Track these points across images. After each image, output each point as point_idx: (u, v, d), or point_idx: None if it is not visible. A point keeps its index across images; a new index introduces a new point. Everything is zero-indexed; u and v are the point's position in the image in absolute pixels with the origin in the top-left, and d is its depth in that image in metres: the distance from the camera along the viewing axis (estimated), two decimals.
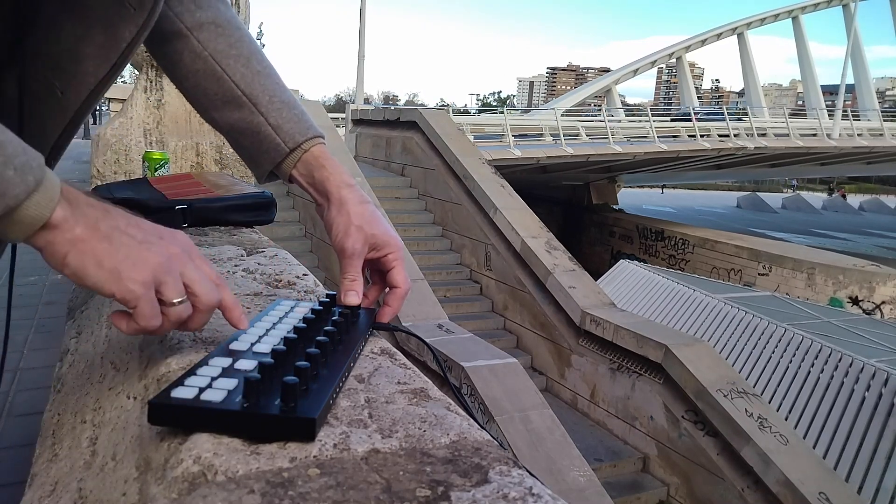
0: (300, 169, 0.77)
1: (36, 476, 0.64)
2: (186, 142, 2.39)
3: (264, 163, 0.79)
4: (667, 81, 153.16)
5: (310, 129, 0.78)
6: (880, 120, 25.82)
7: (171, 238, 0.53)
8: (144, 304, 0.49)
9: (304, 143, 0.77)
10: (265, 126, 0.77)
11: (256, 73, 0.78)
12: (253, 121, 0.77)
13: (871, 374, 6.54)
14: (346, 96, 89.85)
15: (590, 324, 6.65)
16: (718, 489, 5.45)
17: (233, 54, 0.78)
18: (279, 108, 0.77)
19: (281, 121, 0.77)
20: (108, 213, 0.50)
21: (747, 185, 55.31)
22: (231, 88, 0.77)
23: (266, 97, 0.77)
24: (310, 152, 0.77)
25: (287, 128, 0.77)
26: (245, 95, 0.77)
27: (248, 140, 0.79)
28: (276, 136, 0.77)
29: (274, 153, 0.77)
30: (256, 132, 0.77)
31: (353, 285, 0.70)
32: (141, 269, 0.49)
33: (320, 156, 0.77)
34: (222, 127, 0.80)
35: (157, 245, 0.51)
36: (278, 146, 0.77)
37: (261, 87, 0.78)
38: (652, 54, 33.88)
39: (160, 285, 0.50)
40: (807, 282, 14.13)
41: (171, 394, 0.46)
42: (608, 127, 17.17)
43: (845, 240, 28.84)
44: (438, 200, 9.81)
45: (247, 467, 0.41)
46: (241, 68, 0.78)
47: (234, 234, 1.23)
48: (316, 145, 0.78)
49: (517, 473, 0.43)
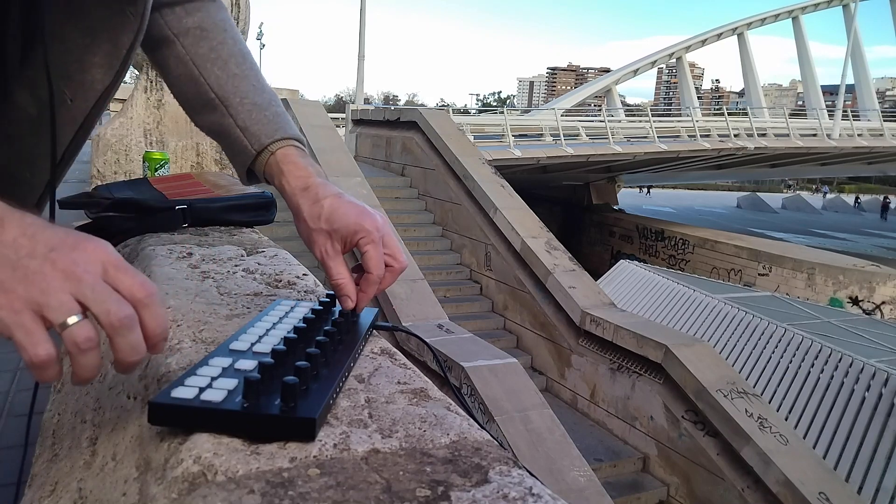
0: (268, 172, 0.76)
1: (36, 476, 0.64)
2: (186, 142, 2.39)
3: (238, 165, 0.79)
4: (667, 81, 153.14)
5: (278, 131, 0.77)
6: (880, 120, 25.83)
7: (68, 249, 0.44)
8: (21, 335, 0.41)
9: (270, 145, 0.75)
10: (234, 128, 0.77)
11: (232, 75, 0.78)
12: (224, 123, 0.77)
13: (871, 374, 6.54)
14: (346, 96, 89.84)
15: (590, 324, 6.65)
16: (718, 489, 5.45)
17: (212, 58, 0.78)
18: (249, 109, 0.77)
19: (249, 122, 0.76)
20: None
21: (747, 185, 55.34)
22: (206, 91, 0.78)
23: (237, 99, 0.77)
24: (275, 155, 0.75)
25: (254, 129, 0.76)
26: (218, 98, 0.77)
27: (224, 142, 0.79)
28: (244, 137, 0.76)
29: (243, 156, 0.77)
30: (228, 134, 0.77)
31: (342, 288, 0.67)
32: (9, 291, 0.41)
33: (282, 160, 0.75)
34: (203, 129, 0.81)
35: (40, 260, 0.42)
36: (246, 148, 0.76)
37: (233, 90, 0.78)
38: (652, 54, 33.87)
39: (41, 308, 0.41)
40: (807, 282, 14.13)
41: (171, 393, 0.46)
42: (608, 127, 17.17)
43: (845, 240, 28.84)
44: (438, 200, 9.81)
45: (247, 467, 0.41)
46: (218, 71, 0.78)
47: (234, 234, 1.23)
48: (282, 147, 0.76)
49: (517, 473, 0.43)
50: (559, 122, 16.50)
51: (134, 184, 1.53)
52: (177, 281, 0.84)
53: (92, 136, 2.50)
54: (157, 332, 0.46)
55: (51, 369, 0.42)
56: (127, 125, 2.33)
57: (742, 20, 33.25)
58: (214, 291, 0.81)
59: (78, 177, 8.63)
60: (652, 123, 18.22)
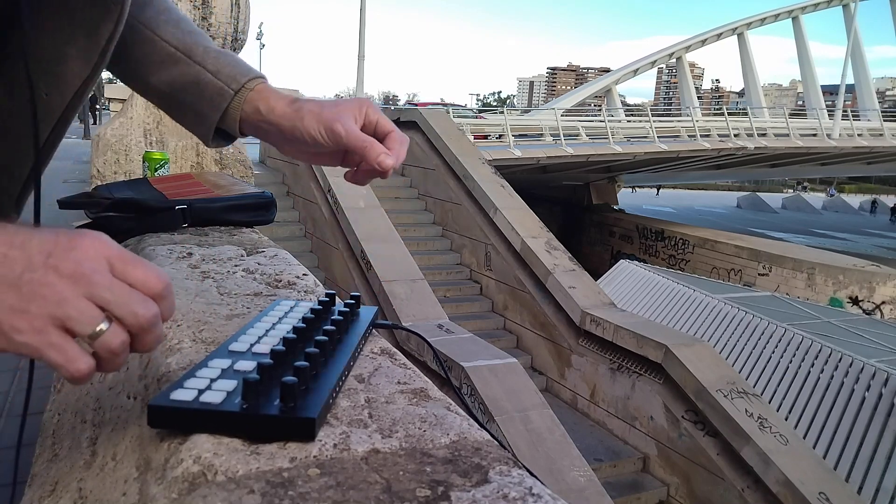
0: (247, 109, 0.75)
1: (36, 476, 0.64)
2: (186, 142, 2.39)
3: (210, 112, 0.76)
4: (667, 81, 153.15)
5: (251, 71, 0.77)
6: (880, 120, 25.83)
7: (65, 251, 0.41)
8: (53, 353, 0.39)
9: (247, 83, 0.75)
10: (204, 73, 0.75)
11: (188, 32, 0.78)
12: (190, 72, 0.75)
13: (871, 374, 6.54)
14: (346, 96, 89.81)
15: (590, 324, 6.65)
16: (718, 489, 5.45)
17: (162, 19, 0.77)
18: (215, 56, 0.76)
19: (220, 66, 0.76)
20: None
21: (747, 185, 55.33)
22: (164, 47, 0.76)
23: (200, 49, 0.76)
24: (254, 91, 0.75)
25: (227, 71, 0.75)
26: (179, 50, 0.76)
27: (189, 94, 0.76)
28: (218, 80, 0.75)
29: (218, 98, 0.75)
30: (196, 82, 0.76)
31: (376, 148, 0.67)
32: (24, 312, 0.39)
33: (263, 90, 0.75)
34: (160, 90, 0.78)
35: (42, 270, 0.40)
36: (222, 90, 0.75)
37: (193, 42, 0.77)
38: (652, 54, 33.87)
39: (63, 322, 0.39)
40: (807, 282, 14.13)
41: (170, 396, 0.46)
42: (608, 127, 17.17)
43: (845, 240, 28.85)
44: (438, 200, 9.81)
45: (247, 467, 0.41)
46: (172, 29, 0.77)
47: (234, 234, 1.23)
48: (259, 84, 0.76)
49: (517, 473, 0.43)
50: (559, 122, 16.50)
51: (134, 184, 1.53)
52: (177, 281, 0.84)
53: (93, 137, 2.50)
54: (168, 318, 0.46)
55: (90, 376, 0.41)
56: (127, 125, 2.33)
57: (742, 20, 33.24)
58: (214, 291, 0.81)
59: (78, 177, 8.60)
60: (652, 123, 18.22)
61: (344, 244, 7.69)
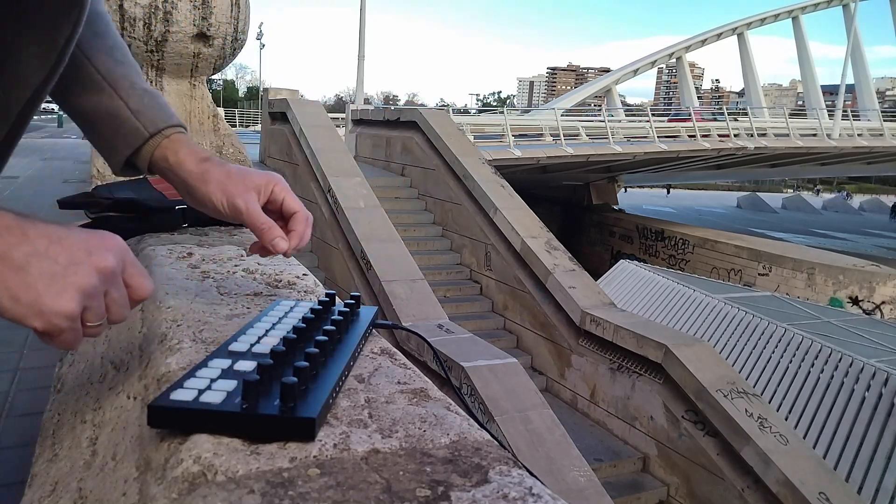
0: (157, 156, 0.76)
1: (36, 476, 0.64)
2: None
3: (122, 148, 0.77)
4: (667, 81, 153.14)
5: (172, 118, 0.78)
6: (880, 120, 25.82)
7: (101, 251, 0.49)
8: (68, 335, 0.47)
9: (164, 130, 0.76)
10: (124, 110, 0.76)
11: (119, 63, 0.78)
12: (112, 105, 0.76)
13: (871, 374, 6.54)
14: (346, 96, 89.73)
15: (590, 324, 6.65)
16: (718, 489, 5.45)
17: (97, 44, 0.77)
18: (140, 94, 0.77)
19: (142, 106, 0.77)
20: (26, 237, 0.46)
21: (747, 185, 55.33)
22: (91, 73, 0.76)
23: (127, 83, 0.77)
24: (170, 138, 0.76)
25: (148, 113, 0.77)
26: (105, 80, 0.76)
27: (107, 126, 0.78)
28: (136, 120, 0.76)
29: (132, 138, 0.77)
30: (115, 116, 0.77)
31: (272, 232, 0.71)
32: (66, 298, 0.46)
33: (176, 141, 0.76)
34: (80, 113, 0.79)
35: (86, 266, 0.47)
36: (137, 130, 0.76)
37: (122, 74, 0.77)
38: (652, 54, 33.87)
39: (85, 311, 0.47)
40: (807, 282, 14.13)
41: (170, 396, 0.46)
42: (608, 127, 17.17)
43: (845, 240, 28.85)
44: (438, 200, 9.80)
45: (247, 467, 0.41)
46: (104, 56, 0.77)
47: (234, 233, 1.23)
48: (176, 133, 0.77)
49: (517, 473, 0.43)
50: (559, 121, 16.49)
51: (134, 184, 1.52)
52: (177, 281, 0.84)
53: None
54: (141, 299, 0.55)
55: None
56: None
57: (742, 20, 33.24)
58: (214, 291, 0.81)
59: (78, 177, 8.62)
60: (652, 123, 18.22)
61: (344, 244, 7.69)
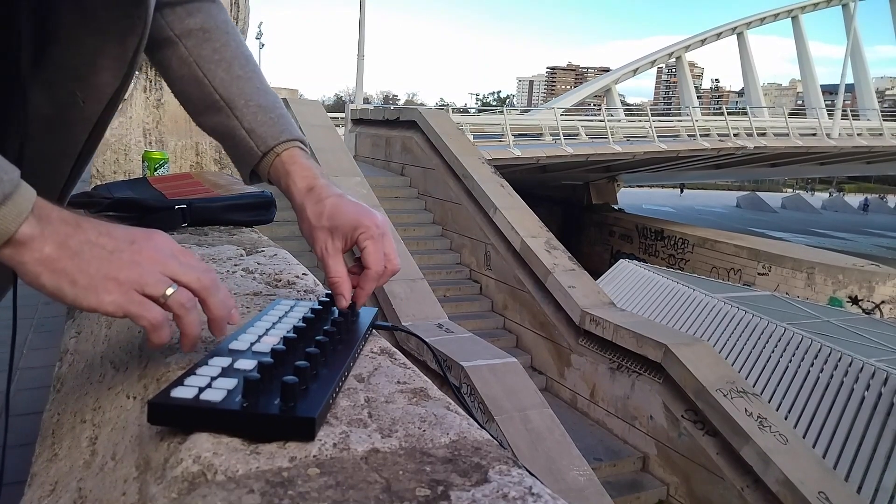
0: (273, 173, 0.78)
1: (36, 476, 0.64)
2: (186, 141, 2.39)
3: (242, 166, 0.80)
4: (666, 81, 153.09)
5: (283, 133, 0.78)
6: (880, 120, 25.81)
7: (144, 240, 0.52)
8: (135, 308, 0.49)
9: (276, 147, 0.77)
10: (240, 130, 0.78)
11: (236, 77, 0.80)
12: (229, 125, 0.79)
13: (870, 374, 6.54)
14: (346, 96, 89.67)
15: (589, 323, 6.65)
16: (718, 488, 5.45)
17: (215, 59, 0.79)
18: (254, 111, 0.78)
19: (255, 124, 0.78)
20: (79, 227, 0.50)
21: (747, 185, 55.37)
22: (210, 93, 0.79)
23: (242, 101, 0.79)
24: (281, 157, 0.77)
25: (260, 131, 0.77)
26: (223, 99, 0.79)
27: (228, 144, 0.81)
28: (250, 139, 0.78)
29: (248, 157, 0.78)
30: (233, 136, 0.79)
31: (338, 286, 0.68)
32: (115, 279, 0.49)
33: (287, 160, 0.77)
34: (209, 131, 0.82)
35: (128, 251, 0.51)
36: (251, 150, 0.78)
37: (238, 91, 0.79)
38: (652, 54, 33.81)
39: (143, 288, 0.50)
40: (806, 281, 14.14)
41: (170, 393, 0.46)
42: (608, 127, 17.15)
43: (845, 240, 28.86)
44: (438, 200, 9.81)
45: (246, 467, 0.41)
46: (222, 73, 0.79)
47: (233, 233, 1.23)
48: (288, 149, 0.77)
49: (517, 473, 0.43)
50: (559, 121, 16.47)
51: (133, 183, 1.52)
52: None
53: None
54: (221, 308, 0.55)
55: (165, 329, 0.50)
56: (126, 125, 2.33)
57: (742, 20, 33.20)
58: None
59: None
60: (652, 123, 18.20)
61: None
